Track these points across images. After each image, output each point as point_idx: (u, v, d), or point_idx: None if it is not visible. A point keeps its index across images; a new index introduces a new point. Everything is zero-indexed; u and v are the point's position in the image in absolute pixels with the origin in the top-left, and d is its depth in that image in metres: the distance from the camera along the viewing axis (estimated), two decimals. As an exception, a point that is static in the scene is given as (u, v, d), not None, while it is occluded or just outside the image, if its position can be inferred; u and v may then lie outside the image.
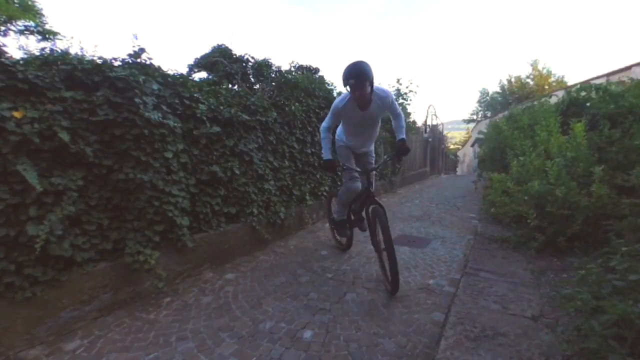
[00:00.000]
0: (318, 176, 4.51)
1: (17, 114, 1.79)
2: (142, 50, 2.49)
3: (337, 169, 2.82)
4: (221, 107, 3.03)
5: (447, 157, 17.10)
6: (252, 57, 4.62)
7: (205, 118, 2.83)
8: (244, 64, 4.51)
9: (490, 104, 29.44)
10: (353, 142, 2.91)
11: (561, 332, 1.70)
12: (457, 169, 20.39)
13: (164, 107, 2.48)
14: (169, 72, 2.70)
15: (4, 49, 1.83)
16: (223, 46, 4.67)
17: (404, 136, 2.64)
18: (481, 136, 9.66)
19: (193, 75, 4.48)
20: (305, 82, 4.34)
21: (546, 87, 24.10)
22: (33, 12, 7.96)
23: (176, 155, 2.55)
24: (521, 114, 6.70)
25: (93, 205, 2.15)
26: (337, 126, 2.95)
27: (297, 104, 4.06)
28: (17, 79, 1.85)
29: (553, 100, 6.80)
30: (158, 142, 2.38)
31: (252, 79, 4.54)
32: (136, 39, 2.48)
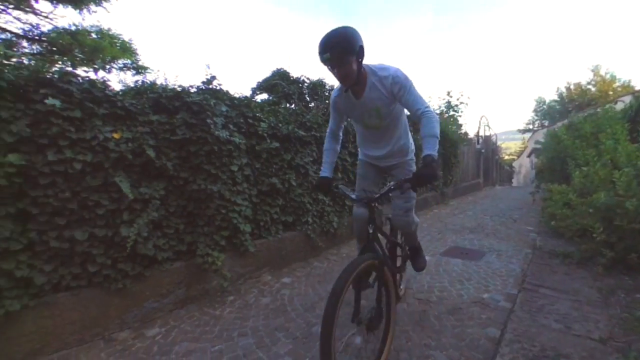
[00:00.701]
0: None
1: (116, 135, 2.14)
2: (213, 77, 2.84)
3: (329, 192, 2.07)
4: (280, 125, 3.30)
5: (501, 168, 16.20)
6: (308, 78, 4.94)
7: (266, 135, 3.10)
8: (300, 85, 4.84)
9: (548, 112, 27.55)
10: (371, 151, 2.18)
11: (634, 357, 1.60)
12: (513, 180, 19.20)
13: (231, 126, 2.77)
14: (235, 95, 3.02)
15: (108, 83, 2.22)
16: (282, 70, 5.06)
17: (430, 152, 1.59)
18: (538, 146, 9.11)
19: (255, 97, 4.92)
20: (356, 99, 4.53)
21: (610, 92, 22.12)
22: (130, 52, 9.61)
23: (241, 169, 2.82)
24: (583, 122, 6.27)
25: (172, 212, 2.46)
26: (344, 130, 2.27)
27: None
28: (117, 106, 2.21)
29: (619, 106, 6.28)
30: (225, 157, 2.66)
31: (308, 98, 4.84)
32: (208, 68, 2.85)
